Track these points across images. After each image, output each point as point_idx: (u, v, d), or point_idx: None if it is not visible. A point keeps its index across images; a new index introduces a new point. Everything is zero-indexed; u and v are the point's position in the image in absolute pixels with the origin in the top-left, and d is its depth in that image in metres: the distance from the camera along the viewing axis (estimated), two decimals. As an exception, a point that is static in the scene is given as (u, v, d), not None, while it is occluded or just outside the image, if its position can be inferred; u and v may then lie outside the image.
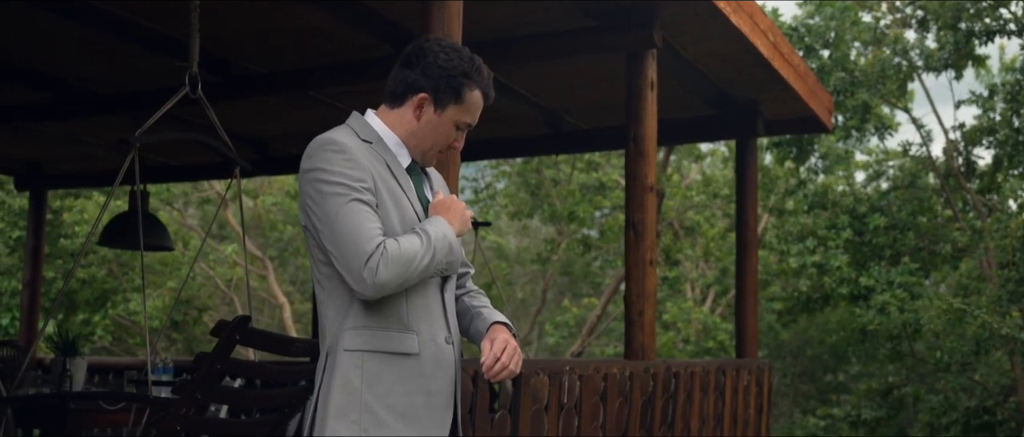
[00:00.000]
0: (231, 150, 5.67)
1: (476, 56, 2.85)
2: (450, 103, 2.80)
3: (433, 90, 2.79)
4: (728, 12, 6.83)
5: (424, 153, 2.85)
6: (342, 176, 2.63)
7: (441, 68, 2.79)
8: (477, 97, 2.82)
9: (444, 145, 2.86)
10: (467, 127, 2.86)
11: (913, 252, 13.83)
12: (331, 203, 2.62)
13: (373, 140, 2.77)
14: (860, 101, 13.37)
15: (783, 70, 7.99)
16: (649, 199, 6.85)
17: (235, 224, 19.92)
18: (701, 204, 18.92)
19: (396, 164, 2.78)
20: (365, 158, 2.69)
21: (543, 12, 6.86)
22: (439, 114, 2.80)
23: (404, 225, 2.72)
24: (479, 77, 2.82)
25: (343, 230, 2.60)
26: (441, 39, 2.87)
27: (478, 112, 2.85)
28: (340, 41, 7.32)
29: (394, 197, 2.73)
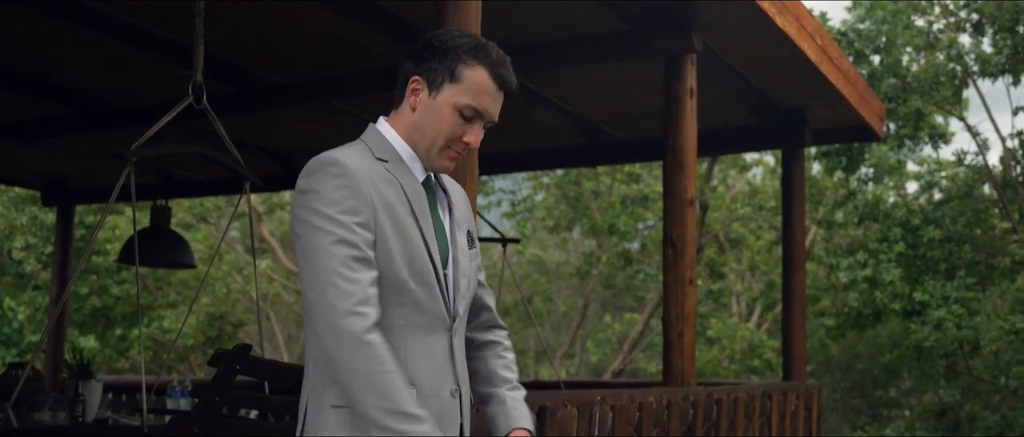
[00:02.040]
0: (240, 164, 5.32)
1: (486, 39, 2.49)
2: (445, 82, 2.42)
3: (426, 71, 2.44)
4: (772, 13, 6.41)
5: (428, 152, 2.45)
6: (334, 207, 2.29)
7: (433, 47, 2.45)
8: (481, 76, 2.42)
9: (449, 138, 2.43)
10: (475, 115, 2.43)
11: (969, 266, 13.23)
12: (314, 239, 2.29)
13: (389, 158, 2.43)
14: (913, 108, 12.82)
15: (832, 75, 7.55)
16: (689, 214, 6.42)
17: (270, 238, 19.69)
18: (746, 216, 18.41)
19: (413, 186, 2.43)
20: (370, 184, 2.33)
21: (575, 15, 6.49)
22: (434, 96, 2.43)
23: (409, 263, 2.36)
24: (483, 54, 2.43)
25: (319, 273, 2.26)
26: (448, 29, 2.53)
27: (488, 97, 2.43)
28: (361, 48, 7.00)
29: (401, 229, 2.36)
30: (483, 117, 2.45)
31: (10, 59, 7.49)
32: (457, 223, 2.55)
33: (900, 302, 13.15)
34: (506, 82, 2.46)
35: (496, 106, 2.47)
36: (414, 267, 2.37)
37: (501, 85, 2.45)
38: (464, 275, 2.50)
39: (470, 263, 2.55)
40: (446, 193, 2.57)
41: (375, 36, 6.66)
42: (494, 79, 2.43)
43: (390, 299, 2.34)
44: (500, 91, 2.46)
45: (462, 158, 2.48)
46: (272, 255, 20.62)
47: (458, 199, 2.61)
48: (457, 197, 2.61)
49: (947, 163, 15.57)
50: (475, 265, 2.60)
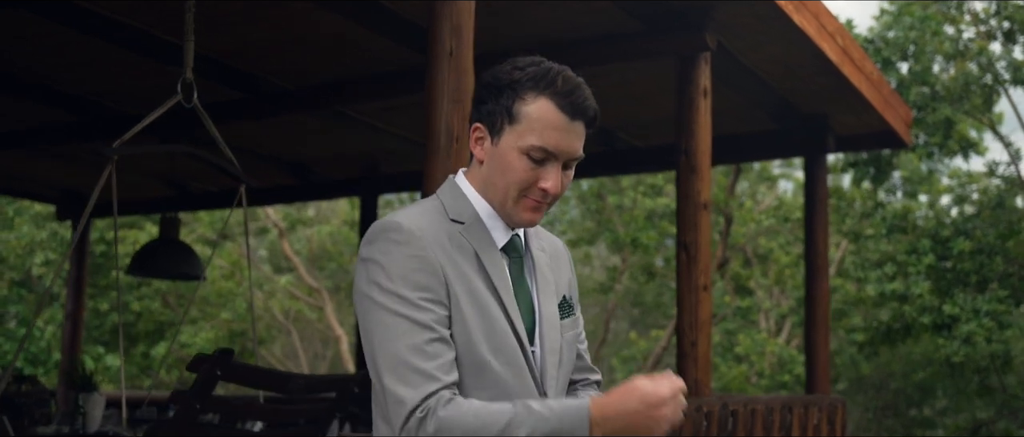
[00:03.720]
0: (234, 164, 5.14)
1: (550, 62, 2.11)
2: (505, 124, 2.08)
3: (486, 116, 2.11)
4: (790, 11, 6.19)
5: (503, 206, 2.11)
6: (399, 281, 1.99)
7: (488, 87, 2.12)
8: (544, 109, 2.05)
9: (521, 188, 2.08)
10: (547, 155, 2.06)
11: (1002, 278, 12.87)
12: (376, 316, 1.99)
13: (466, 219, 2.11)
14: (942, 117, 12.52)
15: (854, 78, 7.30)
16: (703, 218, 6.20)
17: (293, 255, 19.57)
18: (772, 229, 18.11)
19: (490, 251, 2.11)
20: (440, 251, 2.04)
21: (587, 15, 6.31)
22: (496, 143, 2.10)
23: (490, 339, 2.05)
24: (544, 84, 2.06)
25: (386, 360, 1.96)
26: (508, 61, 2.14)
27: (557, 132, 2.05)
28: (370, 51, 6.83)
29: (477, 302, 2.05)
30: (557, 156, 2.08)
31: (15, 66, 7.40)
32: (543, 291, 2.20)
33: (929, 316, 12.80)
34: (579, 109, 2.07)
35: (571, 139, 2.08)
36: (495, 344, 2.06)
37: (573, 114, 2.07)
38: (553, 352, 2.16)
39: (562, 336, 2.21)
40: (531, 257, 2.22)
41: (376, 37, 6.50)
42: (561, 109, 2.06)
43: (470, 382, 2.03)
44: (573, 121, 2.07)
45: (546, 205, 2.11)
46: (295, 272, 20.50)
47: (549, 259, 2.27)
48: (547, 257, 2.27)
49: (978, 175, 15.23)
50: (571, 337, 2.25)
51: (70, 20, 6.22)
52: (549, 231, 2.38)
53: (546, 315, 2.17)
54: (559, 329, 2.19)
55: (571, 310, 2.27)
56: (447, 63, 4.23)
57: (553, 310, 2.19)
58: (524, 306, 2.14)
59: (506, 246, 2.15)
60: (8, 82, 7.59)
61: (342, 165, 10.11)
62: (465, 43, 4.31)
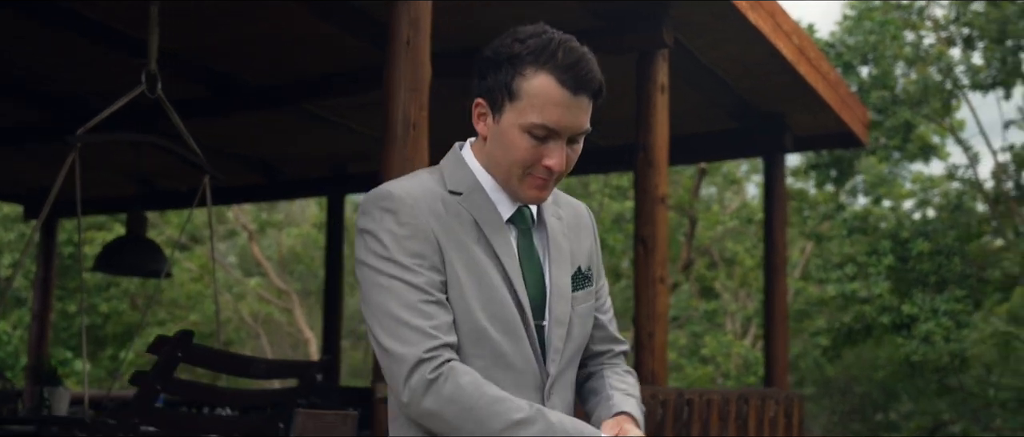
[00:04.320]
0: (198, 155, 5.22)
1: (554, 32, 2.04)
2: (505, 101, 2.01)
3: (487, 92, 2.04)
4: (745, 9, 6.34)
5: (507, 183, 2.06)
6: (393, 247, 1.97)
7: (488, 60, 2.05)
8: (545, 84, 1.97)
9: (524, 165, 2.02)
10: (548, 133, 1.99)
11: (960, 279, 13.10)
12: (371, 281, 1.98)
13: (466, 189, 2.07)
14: (902, 120, 12.75)
15: (810, 77, 7.45)
16: (660, 212, 6.33)
17: (263, 258, 19.59)
18: (736, 231, 18.31)
19: (494, 220, 2.06)
20: (432, 218, 2.01)
21: (546, 13, 6.32)
22: (498, 120, 2.03)
23: (488, 307, 2.01)
24: (544, 58, 1.98)
25: (382, 322, 1.95)
26: (511, 31, 2.06)
27: (558, 108, 1.97)
28: (336, 48, 6.93)
29: (475, 269, 2.02)
30: (561, 132, 2.00)
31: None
32: (557, 261, 2.13)
33: (889, 316, 13.02)
34: (582, 82, 1.99)
35: (574, 115, 2.00)
36: (494, 312, 2.01)
37: (575, 88, 1.99)
38: (560, 324, 2.09)
39: (574, 309, 2.13)
40: (545, 227, 2.15)
41: (343, 35, 6.60)
42: (562, 84, 1.98)
43: (468, 349, 2.00)
44: (576, 95, 1.99)
45: (553, 181, 2.04)
46: (264, 275, 20.52)
47: (567, 227, 2.19)
48: (563, 226, 2.19)
49: (940, 179, 15.50)
50: (585, 309, 2.17)
51: (40, 15, 6.28)
52: None
53: (556, 287, 2.11)
54: (569, 301, 2.12)
55: (587, 281, 2.19)
56: (404, 54, 4.34)
57: (564, 281, 2.12)
58: (533, 277, 2.09)
59: (513, 217, 2.10)
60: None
61: (309, 164, 10.18)
62: (422, 35, 4.42)
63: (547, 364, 2.07)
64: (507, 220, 2.09)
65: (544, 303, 2.09)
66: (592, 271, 2.21)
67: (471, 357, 1.99)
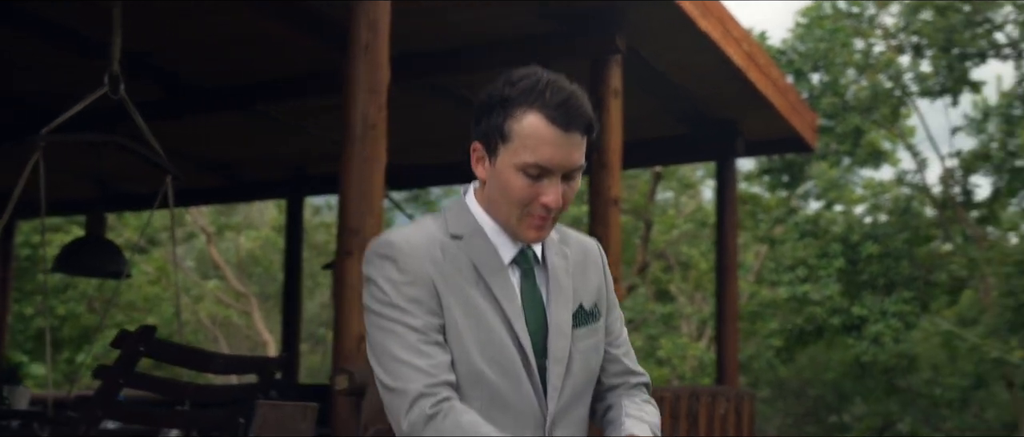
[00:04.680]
0: (160, 155, 5.32)
1: (543, 73, 2.09)
2: (499, 143, 2.07)
3: (482, 135, 2.10)
4: (695, 16, 6.50)
5: (507, 224, 2.12)
6: (390, 293, 2.06)
7: (482, 105, 2.10)
8: (534, 124, 2.02)
9: (522, 205, 2.07)
10: (542, 171, 2.04)
11: (908, 282, 13.42)
12: (373, 325, 2.08)
13: (466, 233, 2.13)
14: (852, 126, 13.05)
15: (759, 83, 7.64)
16: (613, 213, 6.49)
17: (221, 261, 19.59)
18: (691, 235, 18.57)
19: (493, 263, 2.12)
20: (429, 263, 2.08)
21: (502, 18, 6.56)
22: (494, 163, 2.09)
23: (485, 349, 2.07)
24: (532, 98, 2.04)
25: (384, 363, 2.03)
26: (504, 74, 2.13)
27: (548, 146, 2.02)
28: (295, 51, 7.03)
29: (472, 311, 2.08)
30: (554, 170, 2.05)
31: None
32: (557, 300, 2.17)
33: (839, 317, 13.30)
34: (572, 119, 2.04)
35: (566, 152, 2.04)
36: (491, 355, 2.07)
37: (565, 126, 2.03)
38: (558, 361, 2.13)
39: (574, 346, 2.17)
40: (545, 268, 2.19)
41: (303, 38, 6.70)
42: (552, 122, 2.02)
43: (465, 391, 2.06)
44: (567, 132, 2.03)
45: (551, 220, 2.10)
46: (223, 278, 20.52)
47: (572, 265, 2.23)
48: (568, 264, 2.23)
49: (890, 184, 15.85)
50: (588, 345, 2.20)
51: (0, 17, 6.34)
52: None
53: (555, 325, 2.14)
54: (569, 338, 2.15)
55: (591, 318, 2.22)
56: (363, 56, 4.46)
57: (564, 319, 2.15)
58: (535, 316, 2.13)
59: (516, 257, 2.14)
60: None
61: (268, 167, 10.25)
62: (381, 37, 4.55)
63: (547, 401, 2.11)
64: (510, 261, 2.13)
65: (546, 342, 2.12)
66: (598, 307, 2.24)
67: (469, 398, 2.05)
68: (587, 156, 2.09)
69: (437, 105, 7.91)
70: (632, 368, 2.31)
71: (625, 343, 2.33)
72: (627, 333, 2.36)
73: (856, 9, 14.15)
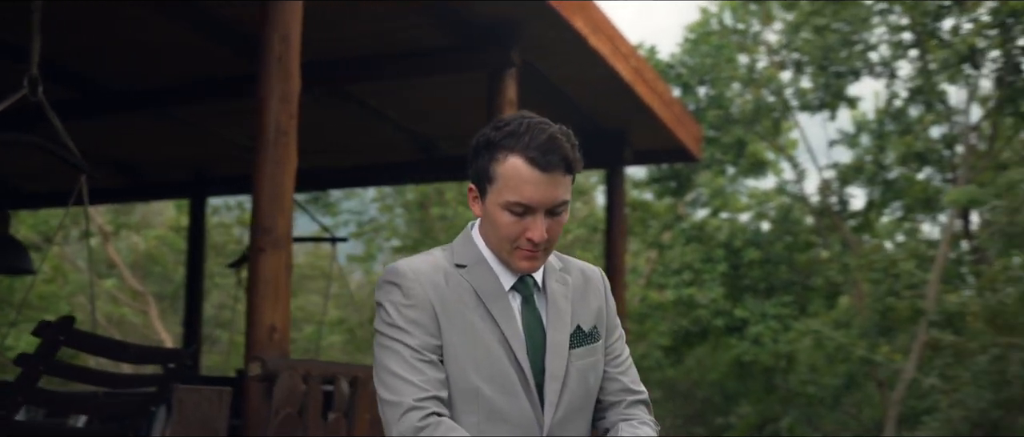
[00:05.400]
0: (75, 154, 5.55)
1: (526, 115, 2.27)
2: (487, 184, 2.23)
3: (475, 178, 2.28)
4: (586, 33, 6.94)
5: (500, 257, 2.29)
6: (393, 315, 2.24)
7: (472, 150, 2.27)
8: (515, 166, 2.18)
9: (511, 240, 2.23)
10: (525, 209, 2.20)
11: (786, 286, 14.15)
12: (378, 344, 2.26)
13: (470, 262, 2.30)
14: (735, 138, 13.71)
15: (647, 97, 8.11)
16: (507, 217, 6.88)
17: (118, 259, 19.51)
18: (584, 239, 19.11)
19: (493, 289, 2.28)
20: (432, 289, 2.25)
21: (405, 31, 6.90)
22: (485, 203, 2.25)
23: (481, 368, 2.22)
24: (513, 141, 2.19)
25: (382, 377, 2.21)
26: (495, 119, 2.30)
27: (529, 186, 2.18)
28: (204, 57, 7.27)
29: (470, 332, 2.24)
30: (536, 207, 2.20)
31: None
32: (554, 322, 2.31)
33: (722, 319, 13.95)
34: (549, 161, 2.18)
35: (546, 190, 2.19)
36: (488, 373, 2.22)
37: (544, 167, 2.17)
38: (555, 378, 2.27)
39: (571, 364, 2.30)
40: (544, 293, 2.34)
41: (210, 44, 6.96)
42: (532, 163, 2.17)
43: (460, 407, 2.22)
44: (546, 172, 2.18)
45: (541, 252, 2.25)
46: (119, 276, 20.41)
47: (571, 291, 2.37)
48: (567, 290, 2.37)
49: (772, 194, 16.60)
50: (585, 364, 2.33)
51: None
52: (372, 237, 2.72)
53: (552, 345, 2.27)
54: (566, 358, 2.28)
55: (589, 338, 2.34)
56: (276, 67, 4.80)
57: (561, 340, 2.28)
58: (535, 337, 2.27)
59: (516, 285, 2.29)
60: None
61: (172, 167, 10.43)
62: (293, 49, 4.89)
63: (544, 417, 2.24)
64: (511, 288, 2.29)
65: (544, 361, 2.26)
66: (598, 329, 2.37)
67: (465, 413, 2.21)
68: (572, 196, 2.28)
69: (340, 111, 8.23)
70: (631, 386, 2.41)
71: (625, 362, 2.44)
72: (629, 352, 2.48)
73: (741, 26, 14.87)
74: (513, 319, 2.26)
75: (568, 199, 2.25)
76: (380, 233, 20.21)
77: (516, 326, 2.26)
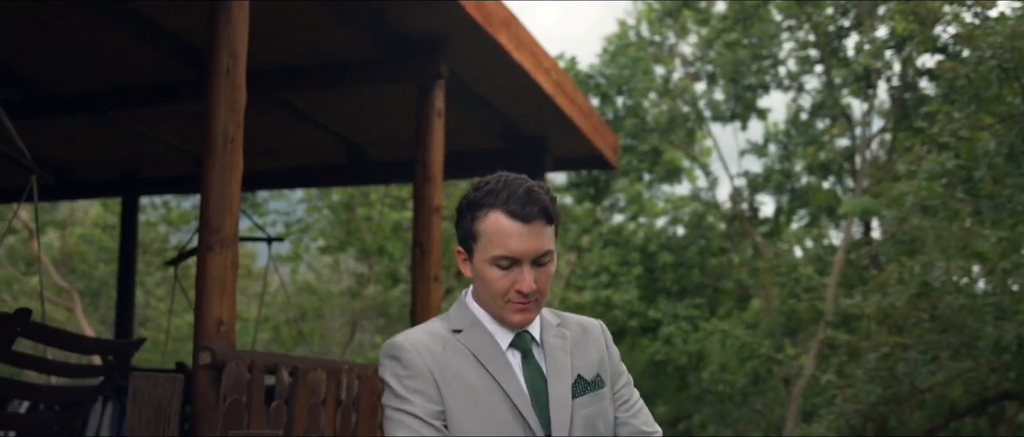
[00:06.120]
0: (26, 156, 5.86)
1: (503, 175, 2.35)
2: (473, 243, 2.32)
3: (462, 239, 2.37)
4: (510, 48, 7.37)
5: (494, 313, 2.37)
6: (396, 387, 2.32)
7: (458, 212, 2.37)
8: (496, 221, 2.27)
9: (503, 294, 2.32)
10: (510, 261, 2.28)
11: (698, 289, 14.78)
12: (387, 418, 2.35)
13: (465, 326, 2.38)
14: (651, 146, 14.29)
15: (566, 107, 8.58)
16: (435, 220, 7.30)
17: (44, 257, 19.48)
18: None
19: (490, 349, 2.35)
20: (430, 358, 2.33)
21: (338, 43, 7.25)
22: (473, 261, 2.34)
23: (486, 426, 2.28)
24: (491, 198, 2.29)
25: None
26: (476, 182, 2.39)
27: (512, 238, 2.26)
28: (140, 62, 7.56)
29: (474, 394, 2.30)
30: (521, 259, 2.28)
31: None
32: (554, 374, 2.38)
33: (637, 320, 14.53)
34: (528, 212, 2.26)
35: (528, 241, 2.27)
36: (491, 432, 2.28)
37: (524, 219, 2.26)
38: (560, 427, 2.33)
39: (576, 413, 2.37)
40: (541, 347, 2.42)
41: (147, 49, 7.26)
42: (511, 216, 2.26)
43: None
44: (527, 224, 2.26)
45: (533, 303, 2.34)
46: (43, 272, 20.35)
47: (570, 344, 2.45)
48: (566, 343, 2.45)
49: (687, 200, 17.24)
50: (590, 412, 2.40)
51: None
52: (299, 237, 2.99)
53: (554, 396, 2.34)
54: (570, 407, 2.34)
55: (591, 386, 2.41)
56: (224, 80, 5.15)
57: (563, 391, 2.35)
58: (537, 391, 2.33)
59: (515, 342, 2.37)
60: None
61: (104, 167, 10.65)
62: (239, 64, 5.25)
63: None
64: (509, 345, 2.37)
65: (549, 413, 2.33)
66: (600, 377, 2.44)
67: None
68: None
69: (273, 117, 8.56)
70: (644, 429, 2.48)
71: (635, 406, 2.51)
72: (638, 395, 2.56)
73: (658, 38, 15.48)
74: (513, 376, 2.33)
75: (552, 248, 2.32)
76: (307, 233, 20.47)
77: (517, 382, 2.32)
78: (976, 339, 9.17)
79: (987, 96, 7.37)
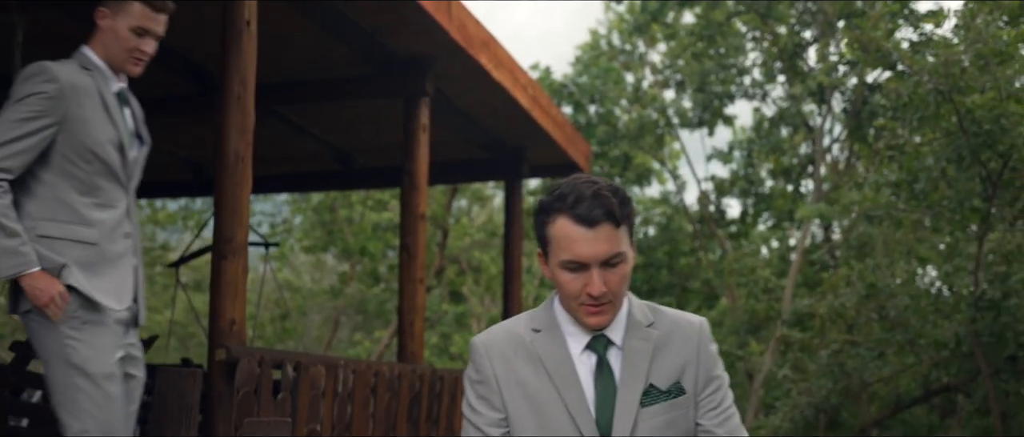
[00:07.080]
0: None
1: (576, 178, 2.37)
2: (547, 248, 2.36)
3: (539, 243, 2.40)
4: (490, 68, 7.96)
5: (572, 315, 2.39)
6: (468, 394, 2.41)
7: (534, 217, 2.42)
8: (564, 226, 2.28)
9: (576, 297, 2.33)
10: (578, 265, 2.29)
11: (666, 289, 15.44)
12: (464, 417, 2.45)
13: (543, 327, 2.42)
14: (621, 152, 14.93)
15: (541, 120, 9.19)
16: (420, 226, 7.88)
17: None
18: (483, 243, 20.19)
19: (559, 356, 2.37)
20: (501, 363, 2.38)
21: (331, 60, 7.80)
22: (550, 265, 2.37)
23: (545, 431, 2.33)
24: (558, 204, 2.31)
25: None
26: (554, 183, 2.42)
27: (579, 242, 2.27)
28: (145, 77, 8.05)
29: (534, 401, 2.34)
30: (589, 262, 2.28)
31: None
32: (625, 382, 2.35)
33: (607, 319, 15.16)
34: (593, 217, 2.26)
35: (595, 245, 2.26)
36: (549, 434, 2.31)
37: (590, 223, 2.26)
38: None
39: (643, 423, 2.34)
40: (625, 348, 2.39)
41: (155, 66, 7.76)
42: (577, 222, 2.26)
43: None
44: (593, 228, 2.26)
45: (607, 305, 2.33)
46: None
47: (655, 348, 2.39)
48: (649, 347, 2.39)
49: (656, 202, 17.90)
50: (659, 422, 2.36)
51: None
52: (284, 237, 3.29)
53: (621, 405, 2.32)
54: (634, 416, 2.31)
55: (665, 395, 2.36)
56: (235, 105, 5.72)
57: (631, 399, 2.32)
58: (607, 398, 2.33)
59: (592, 343, 2.37)
60: None
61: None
62: (249, 90, 5.80)
63: None
64: (584, 348, 2.38)
65: (610, 422, 2.33)
66: (679, 384, 2.39)
67: None
68: None
69: (268, 128, 9.11)
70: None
71: (723, 412, 2.43)
72: (731, 400, 2.47)
73: (628, 47, 16.12)
74: (577, 384, 2.34)
75: (622, 250, 2.30)
76: (291, 234, 20.99)
77: (580, 390, 2.33)
78: (919, 336, 9.86)
79: (926, 115, 8.01)
